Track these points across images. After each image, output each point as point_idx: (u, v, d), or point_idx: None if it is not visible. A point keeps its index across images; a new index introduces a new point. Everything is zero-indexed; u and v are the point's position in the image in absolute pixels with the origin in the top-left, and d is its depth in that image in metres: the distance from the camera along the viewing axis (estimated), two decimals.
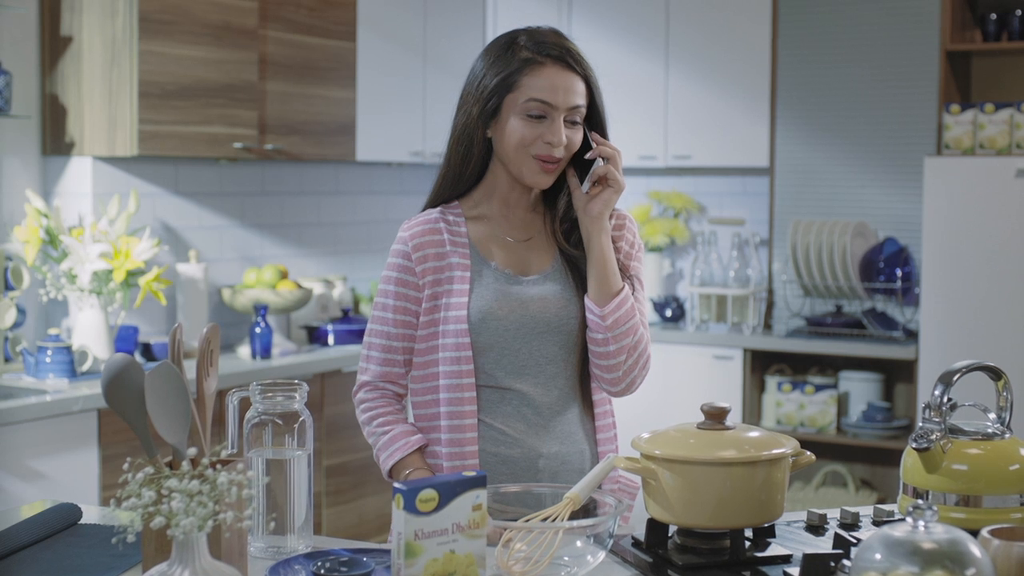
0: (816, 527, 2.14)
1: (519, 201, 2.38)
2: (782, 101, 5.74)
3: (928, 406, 1.98)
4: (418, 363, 2.34)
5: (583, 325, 2.33)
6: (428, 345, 2.32)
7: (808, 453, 2.04)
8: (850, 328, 5.48)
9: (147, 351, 4.46)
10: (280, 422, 2.05)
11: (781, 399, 5.54)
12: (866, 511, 2.21)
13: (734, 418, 5.49)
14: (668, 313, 5.89)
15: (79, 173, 4.43)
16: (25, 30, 4.35)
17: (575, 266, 2.35)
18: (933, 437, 1.95)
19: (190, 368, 4.31)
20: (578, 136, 2.31)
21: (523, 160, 2.28)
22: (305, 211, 5.32)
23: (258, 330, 4.61)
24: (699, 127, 5.85)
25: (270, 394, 2.06)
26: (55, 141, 4.41)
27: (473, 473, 1.79)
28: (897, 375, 5.55)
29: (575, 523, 1.91)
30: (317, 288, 5.06)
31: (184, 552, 1.61)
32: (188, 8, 4.39)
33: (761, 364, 5.63)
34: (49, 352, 3.99)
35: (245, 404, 2.10)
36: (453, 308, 2.29)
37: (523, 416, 2.30)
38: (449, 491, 1.75)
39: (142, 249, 4.16)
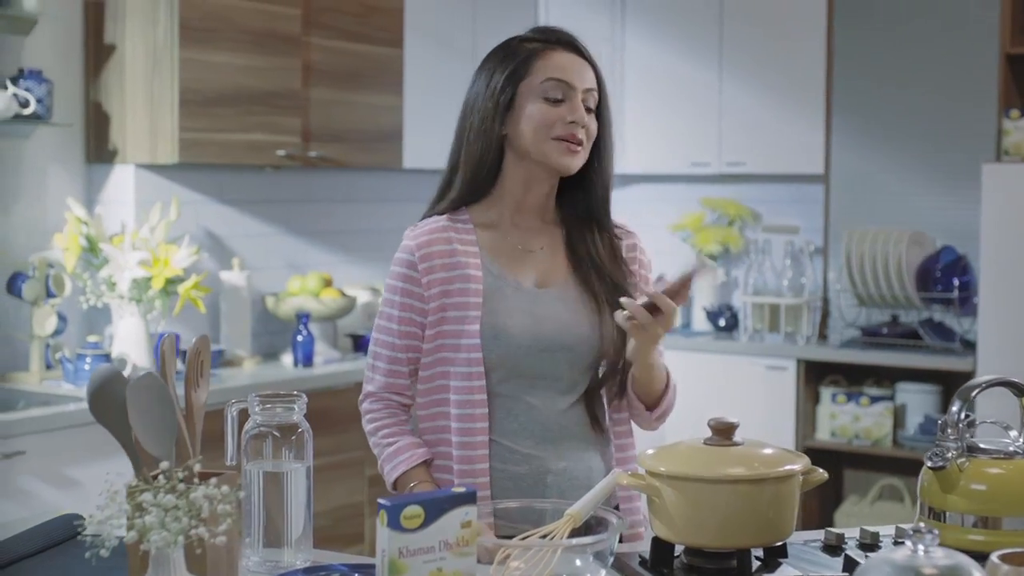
0: (833, 547, 2.06)
1: (532, 207, 2.31)
2: (837, 107, 5.63)
3: (945, 423, 1.90)
4: (424, 376, 2.28)
5: (596, 344, 2.26)
6: (435, 358, 2.26)
7: (820, 471, 1.96)
8: (906, 339, 5.36)
9: None
10: (278, 434, 2.01)
11: (835, 411, 5.42)
12: (887, 530, 2.12)
13: (786, 430, 5.43)
14: (721, 323, 5.80)
15: (122, 181, 4.44)
16: (69, 39, 4.37)
17: (595, 282, 2.28)
18: (949, 455, 1.87)
19: (234, 375, 4.35)
20: (595, 124, 2.25)
21: (545, 144, 2.22)
22: (352, 218, 5.30)
23: (300, 338, 4.59)
24: (753, 133, 5.75)
25: (268, 406, 2.02)
26: (99, 149, 4.43)
27: (462, 489, 1.74)
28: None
29: (574, 541, 1.85)
30: (363, 296, 5.03)
31: (160, 567, 1.58)
32: (229, 16, 4.39)
33: (815, 375, 5.51)
34: (88, 359, 4.00)
35: (246, 416, 2.06)
36: (467, 322, 2.22)
37: (531, 433, 2.24)
38: (436, 508, 1.69)
39: (181, 257, 4.16)
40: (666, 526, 1.92)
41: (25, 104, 4.03)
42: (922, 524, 1.72)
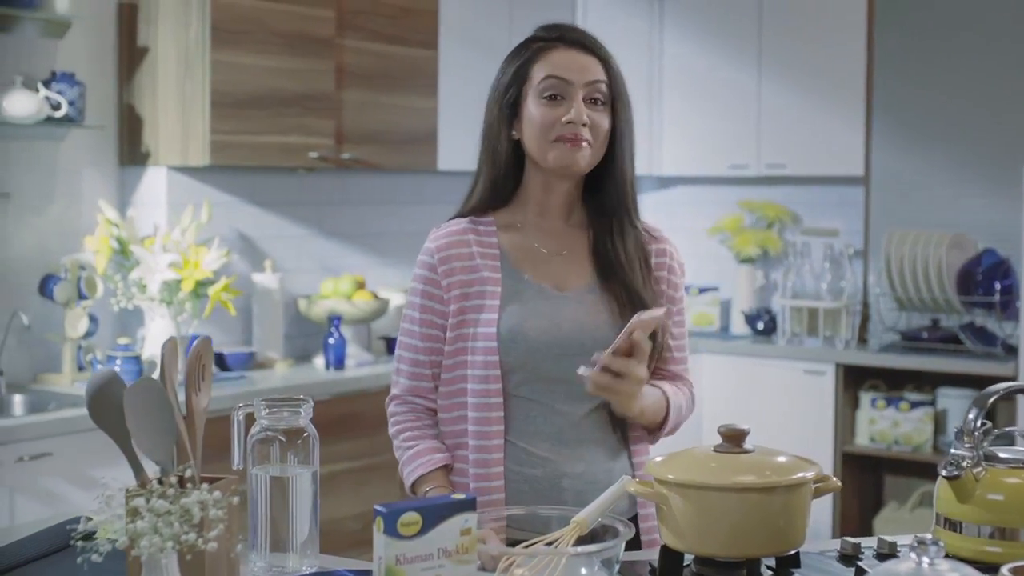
0: (849, 557, 2.01)
1: (555, 209, 2.27)
2: (878, 108, 5.56)
3: (960, 430, 1.85)
4: (445, 379, 2.26)
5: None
6: (456, 361, 2.24)
7: (833, 479, 1.92)
8: (947, 343, 5.28)
9: (220, 361, 4.46)
10: (284, 439, 1.99)
11: (875, 416, 5.35)
12: (906, 540, 2.07)
13: (825, 435, 5.36)
14: (760, 326, 5.74)
15: (154, 183, 4.45)
16: (102, 42, 4.39)
17: (617, 285, 2.23)
18: (964, 464, 1.82)
19: (265, 378, 4.35)
20: (604, 119, 2.20)
21: (546, 146, 2.18)
22: (387, 220, 5.29)
23: (331, 341, 4.58)
24: (792, 135, 5.69)
25: (275, 410, 2.00)
26: (132, 151, 4.44)
27: (462, 496, 1.71)
28: None
29: (579, 549, 1.82)
30: (396, 298, 5.01)
31: (152, 573, 1.56)
32: (262, 18, 4.38)
33: (854, 380, 5.44)
34: (118, 361, 4.01)
35: (253, 420, 2.04)
36: (483, 324, 2.20)
37: (548, 435, 2.20)
38: (434, 515, 1.67)
39: (211, 259, 4.16)
40: (674, 535, 1.88)
41: (57, 107, 4.05)
42: (928, 536, 1.68)
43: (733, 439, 1.91)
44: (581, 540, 1.87)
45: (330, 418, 4.28)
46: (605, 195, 2.26)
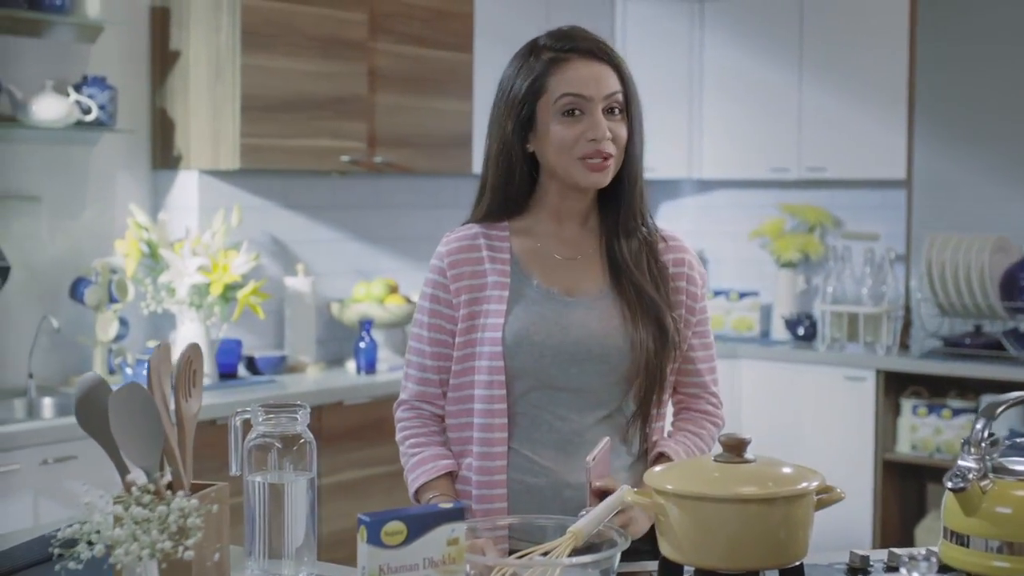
0: (857, 569, 1.96)
1: (571, 215, 2.23)
2: (920, 110, 5.47)
3: (967, 441, 1.79)
4: (454, 384, 2.22)
5: (629, 356, 2.15)
6: (464, 366, 2.20)
7: (837, 490, 1.86)
8: (990, 349, 5.18)
9: (251, 364, 4.45)
10: (280, 445, 1.97)
11: (917, 423, 5.27)
12: (917, 552, 2.02)
13: (865, 443, 5.28)
14: (800, 331, 5.66)
15: (186, 187, 4.46)
16: (135, 46, 4.40)
17: (628, 289, 2.18)
18: (970, 476, 1.76)
19: (296, 382, 4.34)
20: (623, 128, 2.16)
21: (570, 164, 2.14)
22: (421, 224, 5.27)
23: (363, 345, 4.56)
24: (833, 138, 5.62)
25: (271, 416, 1.98)
26: (164, 155, 4.45)
27: (449, 505, 1.68)
28: None
29: (575, 559, 1.78)
30: None
31: None
32: (293, 22, 4.38)
33: (896, 386, 5.35)
34: (147, 365, 4.00)
35: (250, 426, 2.03)
36: (489, 329, 2.16)
37: (552, 444, 2.15)
38: (419, 524, 1.64)
39: (240, 263, 4.16)
40: (672, 546, 1.84)
41: (87, 111, 4.06)
42: (923, 550, 1.63)
43: (734, 449, 1.87)
44: (578, 551, 1.84)
45: (361, 422, 4.27)
46: (616, 198, 2.22)
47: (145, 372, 3.90)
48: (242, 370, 4.48)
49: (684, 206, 6.35)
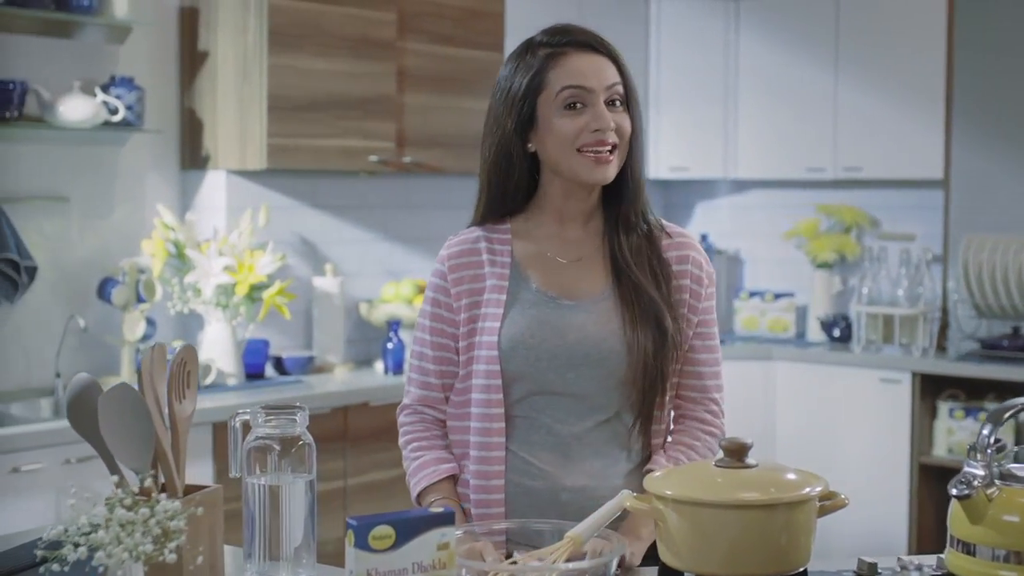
0: None
1: (574, 216, 2.19)
2: (958, 109, 5.39)
3: (974, 447, 1.75)
4: (458, 388, 2.20)
5: (627, 359, 2.11)
6: (466, 371, 2.18)
7: (841, 496, 1.83)
8: None
9: (279, 365, 4.46)
10: (278, 447, 1.95)
11: (953, 426, 5.19)
12: (929, 560, 1.97)
13: (901, 446, 5.21)
14: (836, 333, 5.60)
15: (214, 187, 4.47)
16: (164, 46, 4.41)
17: (631, 291, 2.13)
18: (976, 483, 1.72)
19: (323, 382, 4.33)
20: (626, 120, 2.12)
21: (573, 159, 2.10)
22: (450, 224, 5.19)
23: (390, 345, 4.55)
24: (870, 137, 5.55)
25: (270, 418, 1.97)
26: (193, 155, 4.46)
27: (440, 509, 1.66)
28: None
29: (571, 565, 1.76)
30: None
31: None
32: (320, 22, 4.38)
33: (932, 389, 5.28)
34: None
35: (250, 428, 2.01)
36: (486, 333, 2.13)
37: (550, 447, 2.12)
38: (408, 528, 1.62)
39: (265, 263, 4.16)
40: (671, 553, 1.81)
41: (114, 111, 4.07)
42: (917, 559, 1.59)
43: (735, 453, 1.83)
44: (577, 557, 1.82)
45: (388, 423, 4.22)
46: (619, 195, 2.19)
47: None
48: (270, 370, 4.48)
49: (719, 206, 6.30)
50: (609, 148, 2.10)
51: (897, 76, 5.47)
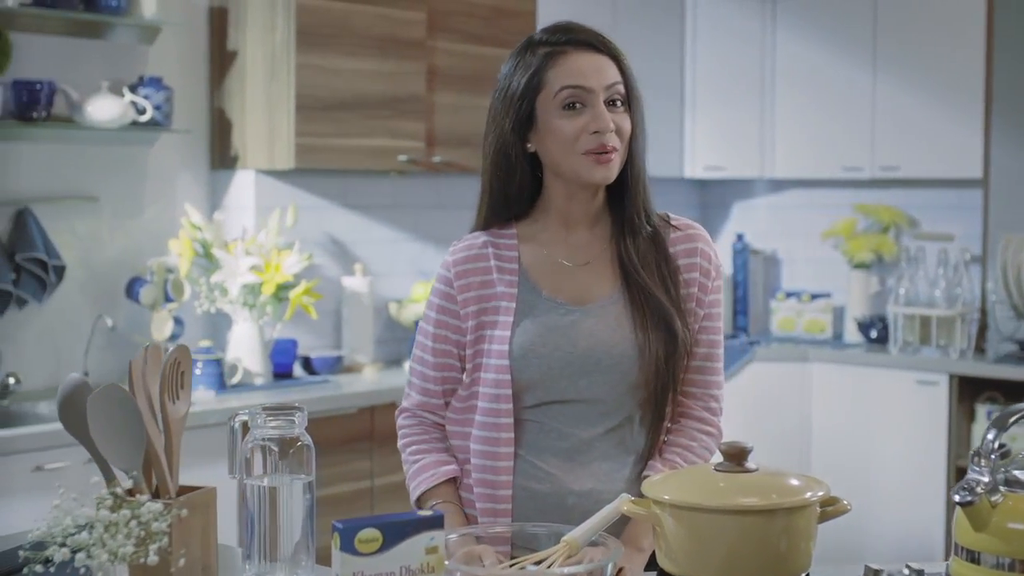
0: None
1: (579, 218, 2.15)
2: (998, 107, 5.31)
3: (978, 452, 1.71)
4: (462, 395, 2.17)
5: (638, 363, 2.08)
6: (472, 378, 2.15)
7: (843, 501, 1.79)
8: None
9: (307, 364, 4.45)
10: (276, 448, 1.94)
11: None
12: (938, 568, 1.93)
13: (938, 449, 5.13)
14: (873, 334, 5.53)
15: (243, 186, 4.47)
16: (193, 46, 4.43)
17: (634, 289, 2.10)
18: (979, 489, 1.68)
19: (351, 382, 4.32)
20: (626, 121, 2.08)
21: (574, 160, 2.06)
22: None
23: None
24: (908, 136, 5.48)
25: (268, 419, 1.96)
26: (222, 155, 4.47)
27: (429, 513, 1.64)
28: None
29: (567, 570, 1.73)
30: None
31: None
32: (349, 22, 4.37)
33: (970, 391, 5.20)
34: (199, 364, 4.02)
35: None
36: (496, 342, 2.10)
37: (559, 451, 2.09)
38: (396, 532, 1.60)
39: (292, 262, 4.15)
40: (669, 558, 1.78)
41: (142, 111, 4.08)
42: (927, 565, 1.55)
43: (735, 457, 1.80)
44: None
45: None
46: (623, 196, 2.15)
47: (197, 372, 3.90)
48: (298, 370, 4.48)
49: (756, 206, 6.25)
50: (609, 150, 2.07)
51: (935, 74, 5.39)
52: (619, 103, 2.09)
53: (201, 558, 1.73)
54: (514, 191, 2.15)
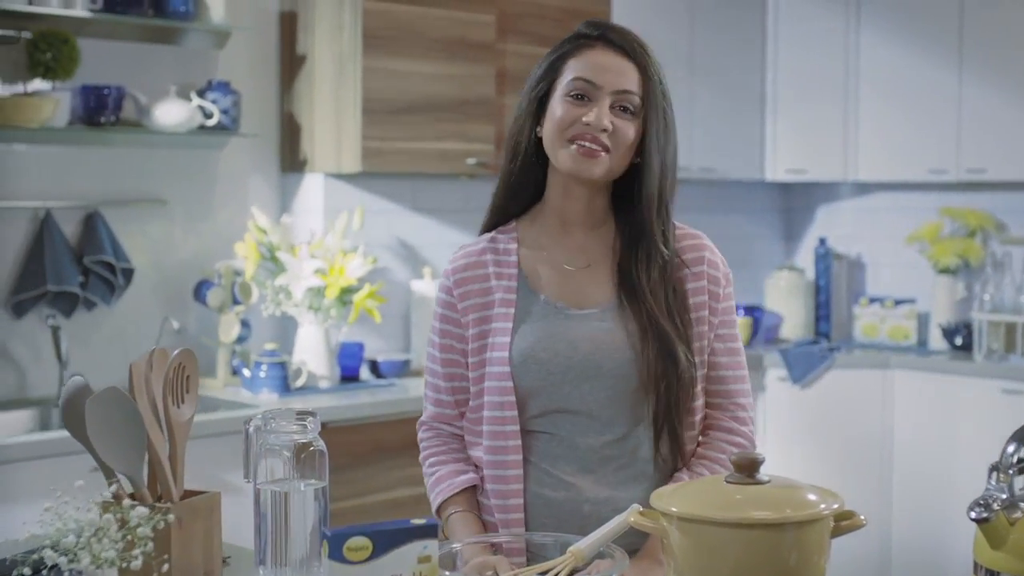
0: None
1: (575, 217, 2.13)
2: None
3: (995, 467, 1.64)
4: (473, 405, 2.15)
5: (642, 368, 2.04)
6: (478, 388, 2.13)
7: (858, 516, 1.72)
8: None
9: (374, 368, 4.46)
10: (288, 453, 1.93)
11: None
12: None
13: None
14: (957, 341, 5.39)
15: (312, 189, 4.49)
16: (263, 51, 4.46)
17: (636, 304, 2.06)
18: (995, 506, 1.61)
19: (418, 385, 4.31)
20: (630, 128, 2.05)
21: (561, 147, 2.04)
22: None
23: None
24: (995, 138, 5.32)
25: (281, 424, 1.95)
26: (292, 159, 4.49)
27: (422, 520, 1.61)
28: None
29: None
30: None
31: None
32: (417, 24, 4.36)
33: None
34: (264, 367, 4.05)
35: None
36: (496, 348, 2.08)
37: (572, 458, 2.06)
38: (386, 540, 1.58)
39: (355, 266, 4.16)
40: (677, 573, 1.73)
41: (209, 115, 4.12)
42: None
43: (746, 468, 1.74)
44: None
45: None
46: (634, 211, 2.11)
47: (262, 375, 3.92)
48: (365, 373, 4.48)
49: (841, 209, 6.12)
50: (595, 144, 2.04)
51: (1023, 74, 5.24)
52: (628, 111, 2.05)
53: (203, 563, 1.73)
54: (517, 174, 2.13)
